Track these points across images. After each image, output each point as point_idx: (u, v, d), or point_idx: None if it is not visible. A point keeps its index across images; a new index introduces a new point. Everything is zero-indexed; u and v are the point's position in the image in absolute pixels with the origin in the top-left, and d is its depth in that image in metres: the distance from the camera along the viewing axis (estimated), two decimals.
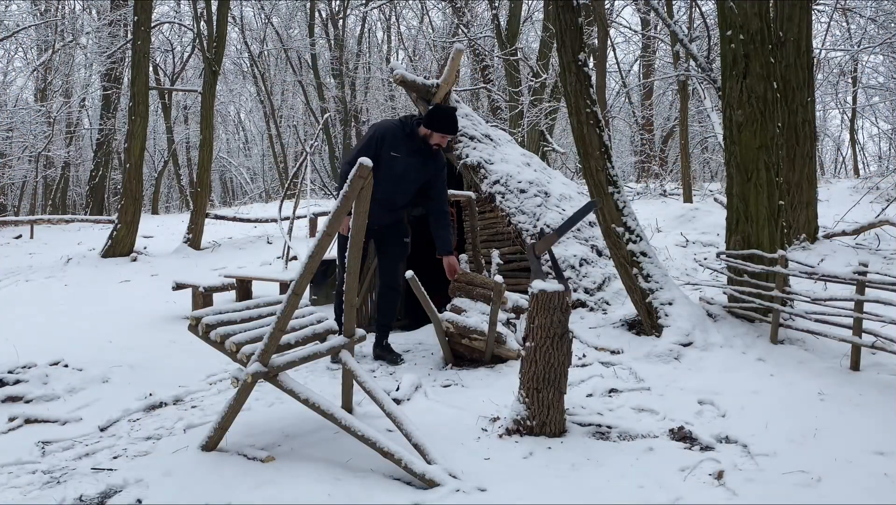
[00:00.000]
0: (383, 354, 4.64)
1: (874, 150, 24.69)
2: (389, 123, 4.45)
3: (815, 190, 7.33)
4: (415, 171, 4.42)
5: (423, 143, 4.38)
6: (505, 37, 15.31)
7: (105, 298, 7.88)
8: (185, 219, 15.93)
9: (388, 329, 4.73)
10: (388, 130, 4.38)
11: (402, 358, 4.61)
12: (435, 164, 4.49)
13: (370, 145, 4.33)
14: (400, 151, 4.35)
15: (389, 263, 4.66)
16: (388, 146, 4.33)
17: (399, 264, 4.63)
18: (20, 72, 22.64)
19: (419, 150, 4.40)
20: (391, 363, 4.54)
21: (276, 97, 27.25)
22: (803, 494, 2.48)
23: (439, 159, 4.53)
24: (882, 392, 3.46)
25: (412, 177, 4.44)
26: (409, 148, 4.37)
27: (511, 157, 6.20)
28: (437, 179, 4.52)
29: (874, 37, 14.07)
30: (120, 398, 3.92)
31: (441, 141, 4.38)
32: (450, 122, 4.38)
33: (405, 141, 4.37)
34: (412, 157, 4.38)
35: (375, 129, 4.43)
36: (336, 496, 2.53)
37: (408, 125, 4.40)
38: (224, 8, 12.22)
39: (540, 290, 3.04)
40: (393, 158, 4.33)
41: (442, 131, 4.35)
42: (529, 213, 5.70)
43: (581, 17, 4.64)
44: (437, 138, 4.37)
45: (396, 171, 4.36)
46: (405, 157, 4.36)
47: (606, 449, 2.94)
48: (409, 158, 4.37)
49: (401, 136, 4.37)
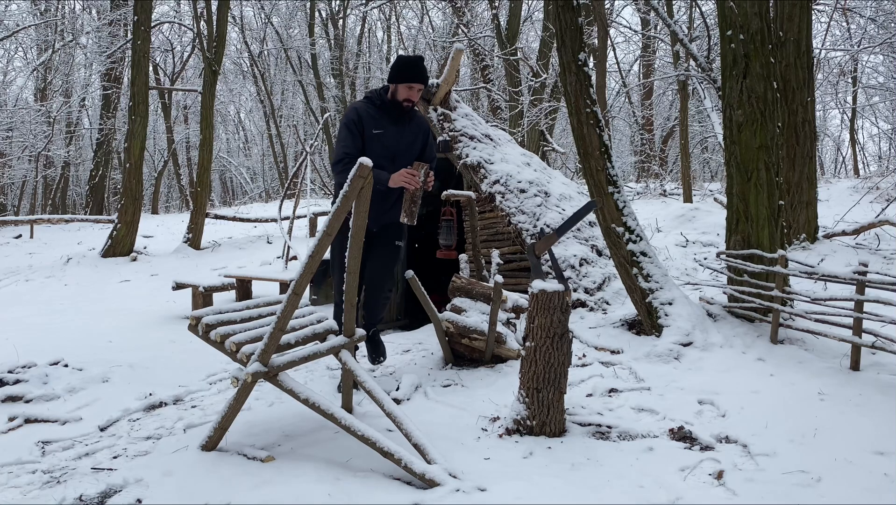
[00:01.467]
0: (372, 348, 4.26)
1: (874, 150, 24.71)
2: (358, 104, 4.00)
3: (815, 190, 7.34)
4: (405, 141, 3.98)
5: (397, 106, 3.92)
6: (505, 37, 15.31)
7: (105, 298, 7.88)
8: (184, 219, 15.95)
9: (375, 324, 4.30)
10: (360, 110, 3.91)
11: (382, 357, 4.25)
12: (418, 126, 4.05)
13: (354, 132, 3.86)
14: (381, 125, 3.90)
15: (377, 265, 4.14)
16: (368, 125, 3.87)
17: (389, 269, 4.17)
18: (20, 71, 22.66)
19: (398, 118, 3.95)
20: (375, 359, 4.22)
21: (276, 97, 27.26)
22: (803, 494, 2.48)
23: (421, 121, 4.09)
24: (882, 392, 3.46)
25: (404, 148, 3.97)
26: (389, 118, 3.93)
27: (511, 157, 6.20)
28: (427, 146, 4.09)
29: (874, 37, 14.08)
30: (120, 398, 3.92)
31: (409, 94, 3.87)
32: (412, 68, 3.86)
33: (381, 113, 3.93)
34: (395, 126, 3.94)
35: (348, 115, 3.93)
36: (336, 496, 2.53)
37: (376, 97, 3.97)
38: (224, 8, 12.22)
39: (540, 290, 3.04)
40: (378, 136, 3.88)
41: (406, 81, 3.86)
42: (529, 213, 5.70)
43: (581, 17, 4.64)
44: (403, 92, 3.87)
45: (388, 147, 3.91)
46: (389, 128, 3.92)
47: (606, 449, 2.94)
48: (392, 128, 3.93)
49: (374, 110, 3.93)
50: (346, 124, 3.88)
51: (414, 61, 3.89)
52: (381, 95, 3.96)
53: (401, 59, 3.90)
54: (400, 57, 3.93)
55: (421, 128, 4.07)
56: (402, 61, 3.89)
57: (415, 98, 3.91)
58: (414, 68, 3.86)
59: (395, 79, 3.89)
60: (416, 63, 3.89)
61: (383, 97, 3.95)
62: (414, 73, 3.86)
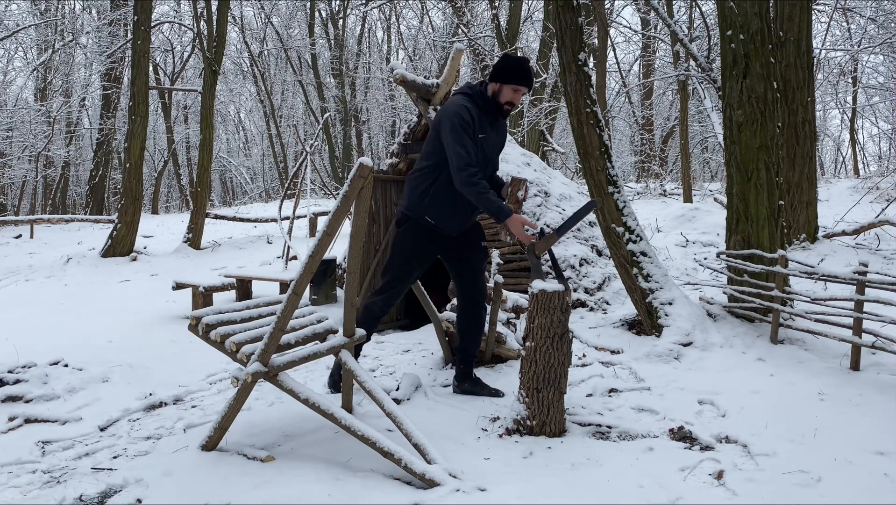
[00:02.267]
0: (475, 389, 3.76)
1: (874, 150, 24.72)
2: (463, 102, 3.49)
3: (815, 190, 7.34)
4: (498, 147, 3.63)
5: (497, 109, 3.50)
6: (505, 36, 15.31)
7: (105, 298, 7.88)
8: (184, 218, 15.95)
9: (473, 357, 3.84)
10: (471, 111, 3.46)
11: (501, 391, 3.75)
12: (505, 130, 3.69)
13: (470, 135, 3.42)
14: (483, 129, 3.49)
15: (475, 274, 3.73)
16: (476, 130, 3.46)
17: (483, 275, 3.79)
18: (20, 71, 22.66)
19: (494, 121, 3.56)
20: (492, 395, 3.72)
21: (276, 97, 27.27)
22: (803, 494, 2.48)
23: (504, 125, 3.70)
24: (882, 392, 3.46)
25: (494, 153, 3.61)
26: (489, 120, 3.53)
27: (511, 157, 6.20)
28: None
29: (874, 37, 14.08)
30: (120, 398, 3.92)
31: (514, 97, 3.46)
32: (522, 70, 3.44)
33: (484, 114, 3.50)
34: (492, 130, 3.56)
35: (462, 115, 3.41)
36: (336, 496, 2.53)
37: (478, 96, 3.51)
38: (224, 8, 12.22)
39: (540, 290, 3.04)
40: (481, 141, 3.47)
41: (515, 83, 3.43)
42: (529, 213, 5.70)
43: (581, 17, 4.64)
44: (508, 94, 3.45)
45: (486, 154, 3.53)
46: (489, 133, 3.54)
47: (606, 449, 2.94)
48: (491, 133, 3.55)
49: (477, 112, 3.48)
50: (463, 126, 3.40)
51: (524, 62, 3.48)
52: (483, 94, 3.52)
53: (510, 59, 3.50)
54: (507, 56, 3.55)
55: (506, 132, 3.70)
56: (513, 61, 3.48)
57: (517, 102, 3.50)
58: (524, 70, 3.45)
59: (501, 78, 3.45)
60: (526, 65, 3.48)
61: (485, 97, 3.51)
62: (523, 76, 3.45)
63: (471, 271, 3.73)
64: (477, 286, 3.74)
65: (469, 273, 3.73)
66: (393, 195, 6.52)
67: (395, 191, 6.56)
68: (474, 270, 3.73)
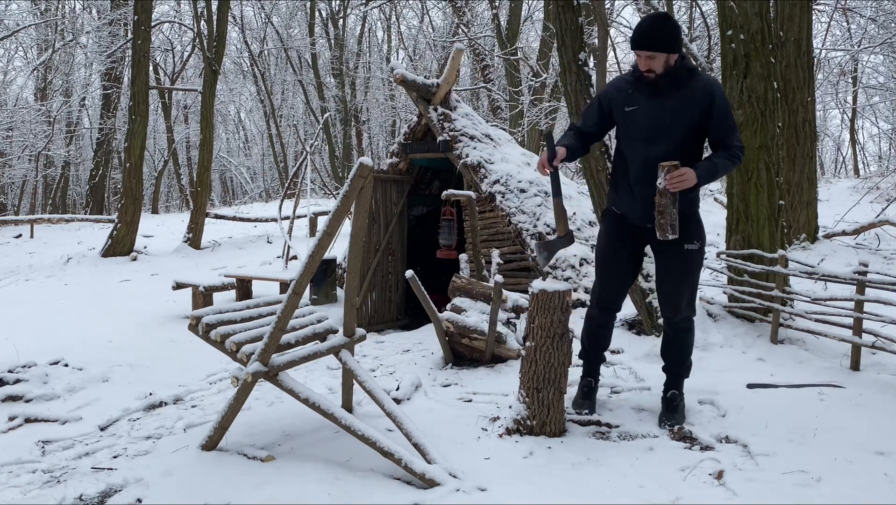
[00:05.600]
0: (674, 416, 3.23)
1: (874, 150, 24.71)
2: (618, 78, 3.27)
3: (815, 190, 7.34)
4: (668, 116, 3.05)
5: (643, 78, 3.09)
6: (505, 36, 15.31)
7: (105, 298, 7.88)
8: (185, 218, 15.94)
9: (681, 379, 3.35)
10: (614, 87, 3.22)
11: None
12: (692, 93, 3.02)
13: (594, 107, 3.24)
14: (635, 101, 3.11)
15: (668, 284, 3.21)
16: (619, 102, 3.16)
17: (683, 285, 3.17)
18: (20, 71, 22.64)
19: (656, 90, 3.06)
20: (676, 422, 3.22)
21: (276, 97, 27.26)
22: (803, 494, 2.48)
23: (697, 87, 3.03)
24: (882, 392, 3.46)
25: (666, 124, 3.05)
26: (644, 92, 3.09)
27: (511, 157, 6.20)
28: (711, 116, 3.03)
29: (874, 37, 14.08)
30: (120, 398, 3.92)
31: (647, 64, 3.01)
32: (639, 31, 3.01)
33: (637, 86, 3.11)
34: (652, 101, 3.07)
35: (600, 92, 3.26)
36: (336, 496, 2.53)
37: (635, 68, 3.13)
38: (224, 7, 12.22)
39: (540, 290, 3.04)
40: (630, 114, 3.12)
41: (635, 48, 3.03)
42: (529, 212, 5.70)
43: (581, 17, 4.64)
44: (639, 61, 3.05)
45: (640, 127, 3.10)
46: (643, 104, 3.10)
47: (606, 449, 2.94)
48: (647, 104, 3.08)
49: (628, 84, 3.15)
50: (594, 103, 3.26)
51: (643, 23, 3.03)
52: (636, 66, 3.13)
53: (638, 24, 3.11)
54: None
55: (696, 95, 3.02)
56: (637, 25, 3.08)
57: (656, 68, 3.00)
58: (640, 31, 3.00)
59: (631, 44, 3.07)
60: (644, 25, 3.01)
61: (636, 68, 3.13)
62: (639, 38, 3.00)
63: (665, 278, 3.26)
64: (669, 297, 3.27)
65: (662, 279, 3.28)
66: (393, 195, 6.52)
67: (395, 191, 6.56)
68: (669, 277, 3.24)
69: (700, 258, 3.16)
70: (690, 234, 3.08)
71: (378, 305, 6.37)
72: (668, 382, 3.32)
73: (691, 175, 2.88)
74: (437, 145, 6.12)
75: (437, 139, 6.14)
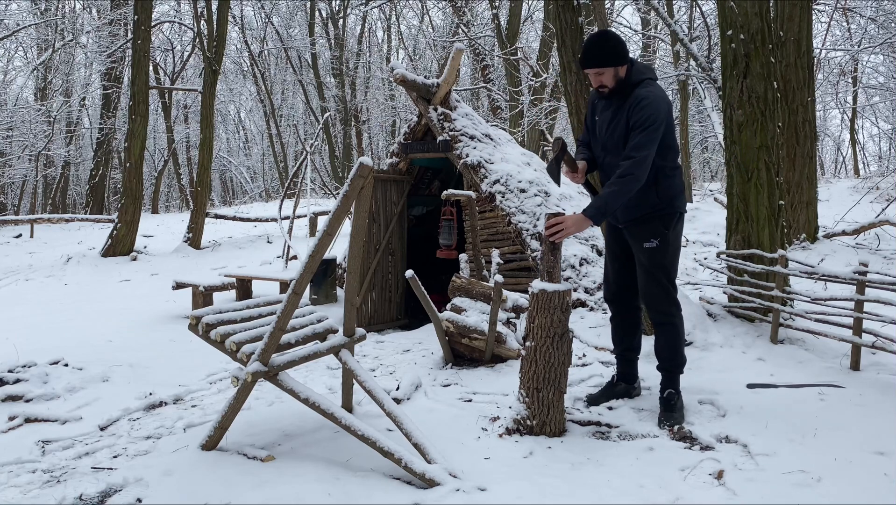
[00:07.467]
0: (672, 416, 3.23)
1: (874, 150, 24.73)
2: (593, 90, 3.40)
3: (815, 190, 7.34)
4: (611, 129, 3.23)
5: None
6: (505, 36, 15.31)
7: (105, 298, 7.88)
8: (185, 218, 15.95)
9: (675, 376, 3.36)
10: (590, 100, 3.43)
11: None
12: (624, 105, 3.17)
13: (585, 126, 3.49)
14: (599, 113, 3.34)
15: (640, 281, 3.35)
16: (591, 115, 3.41)
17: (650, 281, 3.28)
18: (20, 71, 22.64)
19: (609, 102, 3.26)
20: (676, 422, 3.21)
21: (276, 96, 27.27)
22: (803, 493, 2.48)
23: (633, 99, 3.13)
24: (882, 392, 3.46)
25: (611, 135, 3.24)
26: (603, 104, 3.30)
27: (511, 157, 6.20)
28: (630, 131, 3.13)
29: (874, 37, 14.08)
30: (120, 397, 3.92)
31: (596, 80, 3.20)
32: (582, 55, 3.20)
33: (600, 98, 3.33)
34: (607, 112, 3.27)
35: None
36: (336, 495, 2.53)
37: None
38: (224, 7, 12.23)
39: (540, 289, 3.04)
40: (596, 124, 3.36)
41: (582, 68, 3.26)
42: (529, 212, 5.70)
43: (581, 17, 4.65)
44: (592, 80, 3.26)
45: (600, 137, 3.33)
46: (601, 115, 3.31)
47: (606, 449, 2.94)
48: (602, 115, 3.30)
49: (596, 96, 3.35)
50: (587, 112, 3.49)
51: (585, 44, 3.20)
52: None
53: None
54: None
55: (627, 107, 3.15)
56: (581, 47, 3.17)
57: (607, 83, 3.16)
58: (584, 52, 3.19)
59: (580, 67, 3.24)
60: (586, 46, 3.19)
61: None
62: (584, 59, 3.19)
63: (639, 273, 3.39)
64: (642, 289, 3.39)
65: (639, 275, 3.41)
66: (393, 195, 6.52)
67: (395, 191, 6.56)
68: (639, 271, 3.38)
69: (661, 255, 3.24)
70: (648, 234, 3.23)
71: (378, 305, 6.37)
72: (664, 381, 3.37)
73: (571, 221, 3.05)
74: (437, 145, 6.12)
75: (438, 139, 6.14)
